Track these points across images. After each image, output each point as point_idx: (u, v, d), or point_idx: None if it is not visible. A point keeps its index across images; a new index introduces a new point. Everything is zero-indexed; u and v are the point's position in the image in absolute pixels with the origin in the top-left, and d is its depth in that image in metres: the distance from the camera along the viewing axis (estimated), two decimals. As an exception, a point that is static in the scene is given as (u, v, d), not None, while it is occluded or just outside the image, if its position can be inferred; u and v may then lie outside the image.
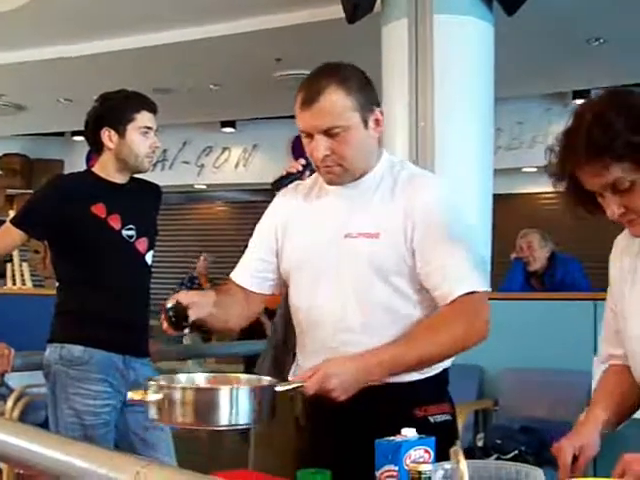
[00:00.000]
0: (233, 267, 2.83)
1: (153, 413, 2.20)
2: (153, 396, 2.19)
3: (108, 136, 3.76)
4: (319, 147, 2.48)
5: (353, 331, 2.53)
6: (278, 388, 2.27)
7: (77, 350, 3.67)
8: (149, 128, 3.77)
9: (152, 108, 3.81)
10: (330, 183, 2.60)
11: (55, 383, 3.70)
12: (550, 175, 2.16)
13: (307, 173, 3.26)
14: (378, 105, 2.59)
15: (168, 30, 8.70)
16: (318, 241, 2.60)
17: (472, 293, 2.44)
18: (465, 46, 6.61)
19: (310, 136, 2.50)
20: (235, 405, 2.15)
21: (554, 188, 2.18)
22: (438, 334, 2.44)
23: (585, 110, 2.09)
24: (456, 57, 6.55)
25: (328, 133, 2.47)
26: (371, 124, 2.54)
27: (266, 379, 2.37)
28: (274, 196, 2.93)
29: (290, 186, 2.87)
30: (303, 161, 3.31)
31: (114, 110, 3.77)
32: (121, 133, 3.74)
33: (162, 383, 2.24)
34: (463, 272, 2.48)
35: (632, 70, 9.08)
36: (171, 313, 2.42)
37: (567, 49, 8.72)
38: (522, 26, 7.59)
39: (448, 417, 2.62)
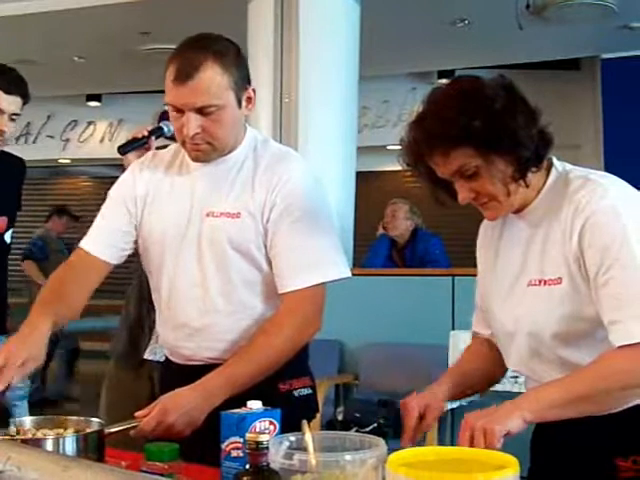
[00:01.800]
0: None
1: None
2: None
3: None
4: (190, 125, 2.41)
5: (216, 312, 2.52)
6: (108, 430, 2.18)
7: None
8: None
9: (11, 90, 3.58)
10: (196, 160, 2.55)
11: None
12: (405, 165, 2.19)
13: (153, 139, 3.23)
14: (250, 83, 2.54)
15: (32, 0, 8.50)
16: (179, 219, 2.56)
17: (309, 287, 2.47)
18: (331, 23, 6.66)
19: (180, 111, 2.43)
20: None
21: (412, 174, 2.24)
22: (272, 339, 2.45)
23: (424, 101, 2.14)
24: (322, 34, 6.59)
25: (201, 111, 2.41)
26: (244, 103, 2.51)
27: (95, 421, 2.22)
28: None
29: (147, 156, 2.79)
30: (150, 127, 3.27)
31: None
32: None
33: None
34: (302, 264, 2.49)
35: (495, 51, 9.27)
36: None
37: (432, 30, 8.82)
38: (388, 5, 7.67)
39: (310, 391, 2.66)
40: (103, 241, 2.67)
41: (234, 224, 2.49)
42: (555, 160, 2.21)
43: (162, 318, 2.68)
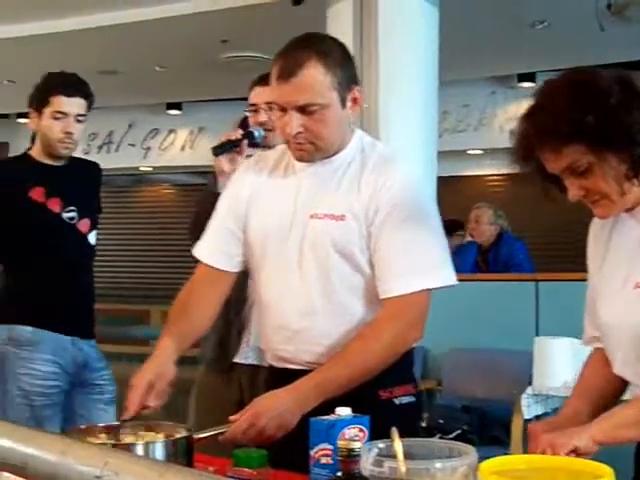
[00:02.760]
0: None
1: None
2: None
3: (31, 117, 3.75)
4: (292, 123, 2.40)
5: (315, 314, 2.49)
6: (197, 436, 2.20)
7: (27, 331, 3.66)
8: (62, 113, 3.69)
9: (71, 93, 3.71)
10: (300, 160, 2.54)
11: (4, 364, 3.68)
12: (513, 160, 2.15)
13: (245, 142, 3.26)
14: (357, 83, 2.51)
15: (114, 11, 8.58)
16: (282, 221, 2.54)
17: (412, 293, 2.41)
18: (410, 28, 6.61)
19: (283, 110, 2.42)
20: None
21: (520, 171, 2.17)
22: (371, 344, 2.40)
23: (537, 93, 2.09)
24: (401, 39, 6.55)
25: (304, 110, 2.40)
26: (348, 103, 2.48)
27: (184, 427, 2.24)
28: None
29: (251, 160, 2.78)
30: (241, 131, 3.31)
31: (36, 92, 3.76)
32: (40, 116, 3.72)
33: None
34: (406, 268, 2.43)
35: (576, 53, 9.14)
36: None
37: (511, 32, 8.73)
38: (466, 9, 7.63)
39: (412, 398, 2.59)
40: (213, 247, 2.69)
41: (338, 227, 2.46)
42: None
43: (262, 320, 2.67)
